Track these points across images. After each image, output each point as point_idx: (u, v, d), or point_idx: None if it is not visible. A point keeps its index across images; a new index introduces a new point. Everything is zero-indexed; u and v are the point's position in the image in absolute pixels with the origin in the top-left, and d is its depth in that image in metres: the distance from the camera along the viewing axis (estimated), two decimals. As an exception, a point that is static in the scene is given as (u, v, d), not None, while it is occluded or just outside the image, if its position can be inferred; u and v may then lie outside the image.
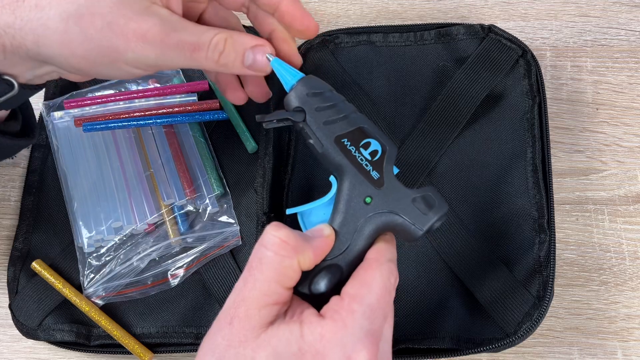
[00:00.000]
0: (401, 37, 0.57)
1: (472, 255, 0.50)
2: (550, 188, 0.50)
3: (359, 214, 0.38)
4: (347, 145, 0.39)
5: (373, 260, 0.37)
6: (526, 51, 0.54)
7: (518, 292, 0.47)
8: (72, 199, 0.55)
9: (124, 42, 0.38)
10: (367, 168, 0.39)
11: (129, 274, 0.52)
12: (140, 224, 0.53)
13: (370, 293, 0.35)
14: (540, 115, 0.53)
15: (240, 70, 0.41)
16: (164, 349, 0.52)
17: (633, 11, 0.60)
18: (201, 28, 0.39)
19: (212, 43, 0.39)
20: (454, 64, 0.56)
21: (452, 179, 0.52)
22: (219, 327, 0.35)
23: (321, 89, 0.41)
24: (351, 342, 0.33)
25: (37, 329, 0.52)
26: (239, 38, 0.40)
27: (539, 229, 0.49)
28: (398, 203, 0.38)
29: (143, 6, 0.38)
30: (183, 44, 0.38)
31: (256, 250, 0.36)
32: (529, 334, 0.46)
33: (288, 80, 0.41)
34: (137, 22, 0.37)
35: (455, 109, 0.53)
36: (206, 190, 0.54)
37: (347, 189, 0.39)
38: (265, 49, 0.41)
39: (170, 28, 0.38)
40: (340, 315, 0.34)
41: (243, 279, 0.35)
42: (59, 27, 0.37)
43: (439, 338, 0.49)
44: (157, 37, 0.38)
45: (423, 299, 0.50)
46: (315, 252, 0.36)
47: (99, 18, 0.37)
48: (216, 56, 0.39)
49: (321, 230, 0.38)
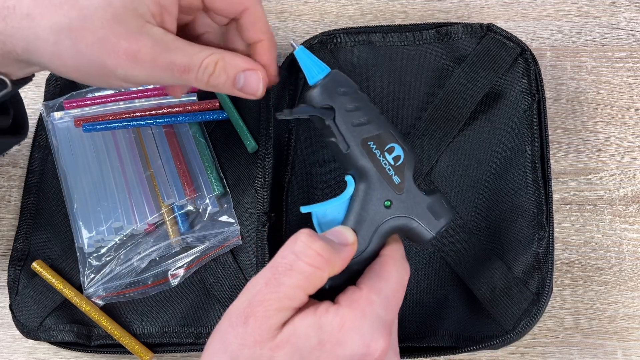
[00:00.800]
0: (400, 37, 0.57)
1: (472, 253, 0.50)
2: (550, 185, 0.51)
3: (378, 217, 0.39)
4: (373, 149, 0.40)
5: (389, 257, 0.39)
6: (525, 49, 0.54)
7: (517, 289, 0.47)
8: (72, 199, 0.55)
9: (115, 60, 0.37)
10: (390, 173, 0.40)
11: (129, 274, 0.52)
12: (140, 224, 0.53)
13: (388, 286, 0.37)
14: (539, 113, 0.53)
15: (231, 91, 0.41)
16: (164, 348, 0.52)
17: (633, 11, 0.60)
18: (194, 49, 0.39)
19: (202, 65, 0.39)
20: (453, 63, 0.56)
21: (452, 177, 0.52)
22: (231, 325, 0.35)
23: (349, 86, 0.40)
24: (369, 331, 0.35)
25: (38, 329, 0.53)
26: (231, 60, 0.40)
27: (538, 226, 0.49)
28: (415, 208, 0.40)
29: (137, 25, 0.37)
30: (173, 66, 0.38)
31: (285, 255, 0.36)
32: (528, 330, 0.46)
33: (315, 74, 0.40)
34: (129, 42, 0.37)
35: (455, 107, 0.53)
36: (206, 190, 0.54)
37: (368, 191, 0.40)
38: (257, 74, 0.40)
39: (161, 49, 0.38)
40: (360, 305, 0.35)
41: (265, 280, 0.35)
42: (50, 39, 0.37)
43: (439, 336, 0.49)
44: (147, 57, 0.37)
45: (423, 298, 0.50)
46: (344, 262, 0.37)
47: (90, 33, 0.37)
48: (205, 77, 0.39)
49: (345, 236, 0.38)
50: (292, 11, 0.65)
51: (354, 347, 0.34)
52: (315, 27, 0.63)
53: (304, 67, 0.40)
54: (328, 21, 0.64)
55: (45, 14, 0.37)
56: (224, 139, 0.57)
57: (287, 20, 0.64)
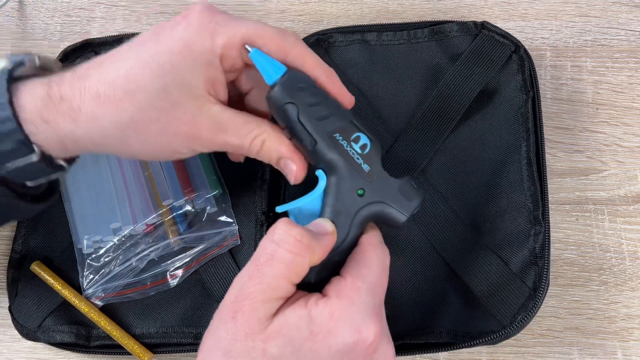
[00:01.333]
0: (395, 36, 0.58)
1: (468, 248, 0.50)
2: (545, 180, 0.51)
3: (353, 206, 0.40)
4: (339, 140, 0.40)
5: (367, 244, 0.40)
6: (519, 46, 0.54)
7: (514, 284, 0.47)
8: (70, 201, 0.55)
9: (178, 143, 0.40)
10: (359, 162, 0.40)
11: (128, 275, 0.52)
12: (138, 224, 0.53)
13: (371, 272, 0.38)
14: (534, 109, 0.53)
15: (275, 166, 0.43)
16: (164, 349, 0.52)
17: (633, 11, 0.60)
18: (245, 129, 0.41)
19: (251, 145, 0.41)
20: (447, 61, 0.56)
21: (448, 174, 0.52)
22: (221, 321, 0.35)
23: (307, 82, 0.41)
24: (360, 317, 0.36)
25: (37, 331, 0.52)
26: (273, 145, 0.41)
27: (534, 221, 0.49)
28: (387, 193, 0.41)
29: (195, 107, 0.39)
30: (228, 145, 0.41)
31: (266, 246, 0.36)
32: (525, 324, 0.46)
33: (271, 74, 0.40)
34: (189, 126, 0.40)
35: (450, 105, 0.53)
36: (204, 190, 0.54)
37: (340, 182, 0.40)
38: (292, 165, 0.42)
39: (218, 130, 0.40)
40: (346, 293, 0.36)
41: (248, 274, 0.36)
42: (117, 134, 0.39)
43: (436, 333, 0.49)
44: (206, 138, 0.40)
45: (420, 295, 0.50)
46: (324, 250, 0.38)
47: (153, 124, 0.39)
48: (254, 154, 0.42)
49: (324, 226, 0.39)
50: (292, 11, 0.65)
51: (345, 335, 0.35)
52: (315, 27, 0.63)
53: (260, 68, 0.41)
54: (328, 21, 0.64)
55: (106, 114, 0.39)
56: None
57: (287, 21, 0.65)
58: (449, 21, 0.57)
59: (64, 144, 0.40)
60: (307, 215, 0.41)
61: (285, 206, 0.42)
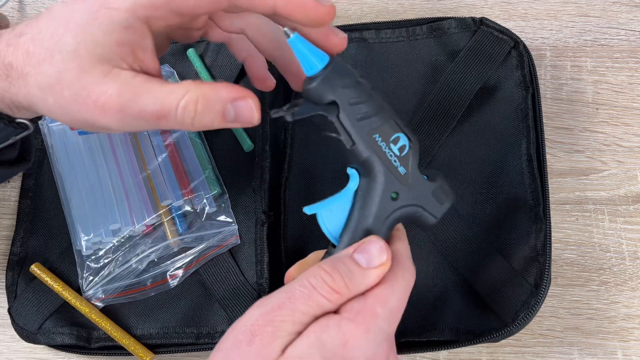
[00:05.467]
0: (393, 33, 0.57)
1: (470, 247, 0.50)
2: (545, 177, 0.51)
3: (385, 210, 0.38)
4: (378, 142, 0.37)
5: (396, 260, 0.37)
6: (518, 42, 0.54)
7: (516, 282, 0.47)
8: (69, 202, 0.54)
9: (89, 113, 0.35)
10: (395, 164, 0.38)
11: (128, 276, 0.52)
12: (138, 225, 0.53)
13: (394, 295, 0.35)
14: (534, 105, 0.53)
15: (224, 126, 0.36)
16: (165, 349, 0.52)
17: (633, 11, 0.60)
18: (166, 89, 0.34)
19: (179, 108, 0.34)
20: (446, 58, 0.56)
21: (449, 172, 0.52)
22: (235, 344, 0.34)
23: (350, 76, 0.36)
24: (372, 347, 0.34)
25: (37, 333, 0.52)
26: (213, 95, 0.35)
27: (535, 218, 0.49)
28: (421, 196, 0.38)
29: (102, 72, 0.34)
30: (144, 113, 0.34)
31: (304, 285, 0.35)
32: (527, 322, 0.46)
33: (313, 64, 0.36)
34: (96, 93, 0.34)
35: (450, 102, 0.53)
36: (203, 190, 0.54)
37: (374, 185, 0.38)
38: (247, 101, 0.35)
39: (130, 95, 0.34)
40: (364, 318, 0.34)
41: (278, 301, 0.34)
42: (39, 96, 0.36)
43: (439, 330, 0.49)
44: (114, 107, 0.34)
45: (422, 293, 0.50)
46: (368, 286, 0.36)
47: (66, 89, 0.35)
48: (188, 121, 0.34)
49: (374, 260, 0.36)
50: (291, 11, 0.65)
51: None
52: (315, 28, 0.62)
53: (300, 58, 0.36)
54: (327, 21, 0.64)
55: (31, 74, 0.36)
56: (220, 139, 0.57)
57: (286, 21, 0.64)
58: (448, 17, 0.57)
59: (4, 102, 0.38)
60: (336, 217, 0.39)
61: (314, 207, 0.38)
